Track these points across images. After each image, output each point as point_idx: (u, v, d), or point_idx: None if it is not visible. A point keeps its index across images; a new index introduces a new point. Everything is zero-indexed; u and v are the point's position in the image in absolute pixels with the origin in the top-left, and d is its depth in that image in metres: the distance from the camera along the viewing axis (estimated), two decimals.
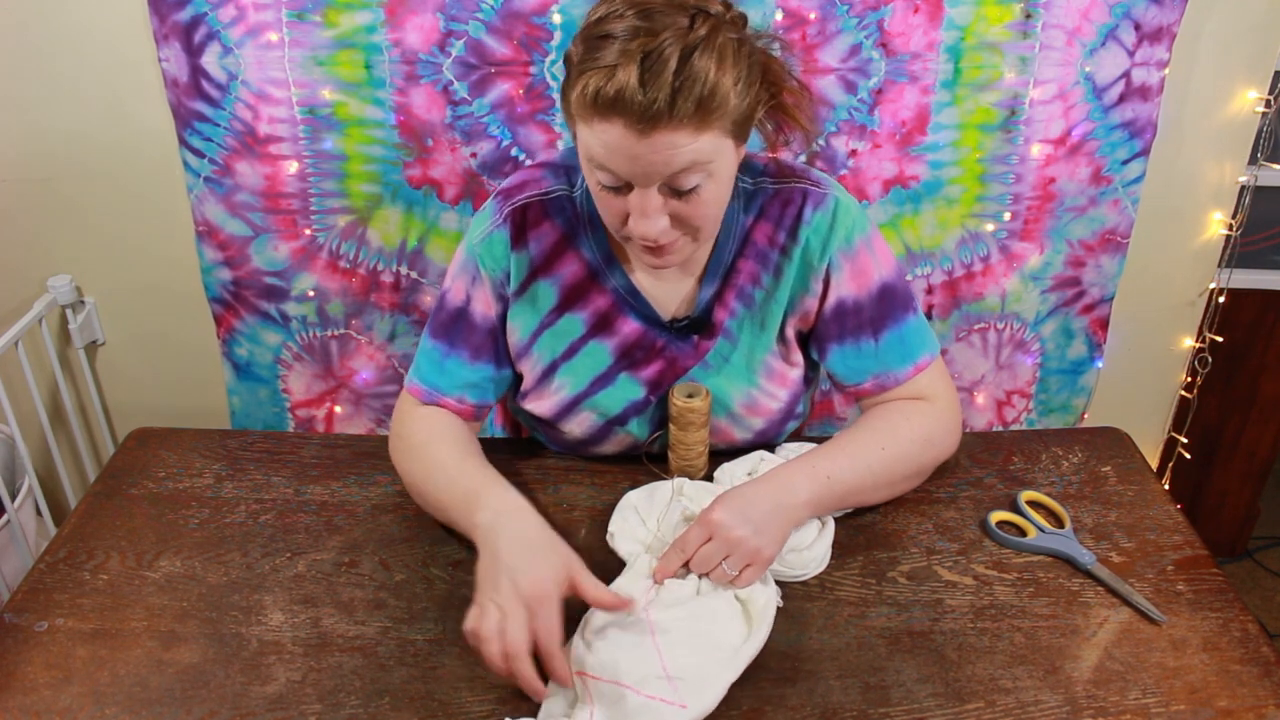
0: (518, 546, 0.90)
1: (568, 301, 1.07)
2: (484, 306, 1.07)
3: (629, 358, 1.09)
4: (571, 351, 1.09)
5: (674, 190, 0.91)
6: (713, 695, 0.85)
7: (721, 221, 1.04)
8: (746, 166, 1.05)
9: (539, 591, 0.86)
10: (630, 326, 1.08)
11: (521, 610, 0.85)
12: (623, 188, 0.91)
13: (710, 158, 0.89)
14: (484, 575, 0.90)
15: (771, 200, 1.05)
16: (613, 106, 0.85)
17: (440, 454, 1.04)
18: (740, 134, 0.93)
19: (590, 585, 0.88)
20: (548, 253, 1.05)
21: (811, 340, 1.11)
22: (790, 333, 1.10)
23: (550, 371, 1.10)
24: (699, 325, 1.08)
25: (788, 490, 0.98)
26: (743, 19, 0.92)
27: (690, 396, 1.07)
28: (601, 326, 1.08)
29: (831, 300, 1.06)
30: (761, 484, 0.99)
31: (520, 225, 1.05)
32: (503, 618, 0.85)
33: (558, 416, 1.12)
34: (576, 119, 0.90)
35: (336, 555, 1.04)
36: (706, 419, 1.08)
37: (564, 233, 1.05)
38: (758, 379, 1.10)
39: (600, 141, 0.88)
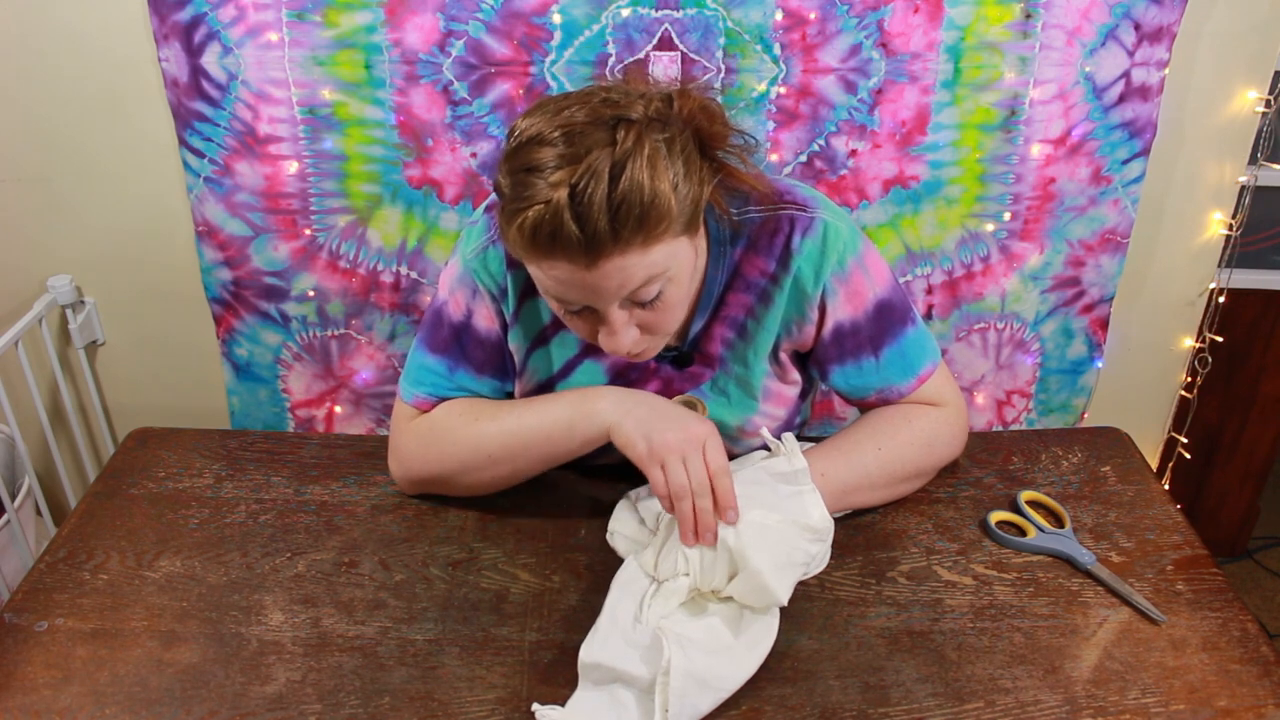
0: (665, 409, 0.96)
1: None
2: (486, 321, 1.06)
3: (624, 379, 1.08)
4: (567, 370, 1.08)
5: (637, 303, 0.89)
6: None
7: (708, 254, 1.02)
8: (729, 194, 1.02)
9: (701, 430, 0.93)
10: None
11: (695, 450, 0.92)
12: (583, 310, 0.90)
13: (665, 266, 0.87)
14: (644, 433, 0.94)
15: (759, 230, 1.01)
16: (553, 244, 0.82)
17: (499, 414, 1.04)
18: (692, 227, 0.90)
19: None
20: None
21: (811, 362, 1.10)
22: (784, 356, 1.08)
23: (545, 388, 1.09)
24: (689, 358, 1.08)
25: None
26: (668, 102, 0.88)
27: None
28: (594, 348, 1.07)
29: (829, 325, 1.04)
30: None
31: None
32: (684, 461, 0.91)
33: None
34: (520, 255, 0.88)
35: (336, 555, 1.04)
36: None
37: None
38: (756, 403, 1.09)
39: (550, 278, 0.86)
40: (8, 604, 0.98)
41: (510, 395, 1.12)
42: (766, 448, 1.13)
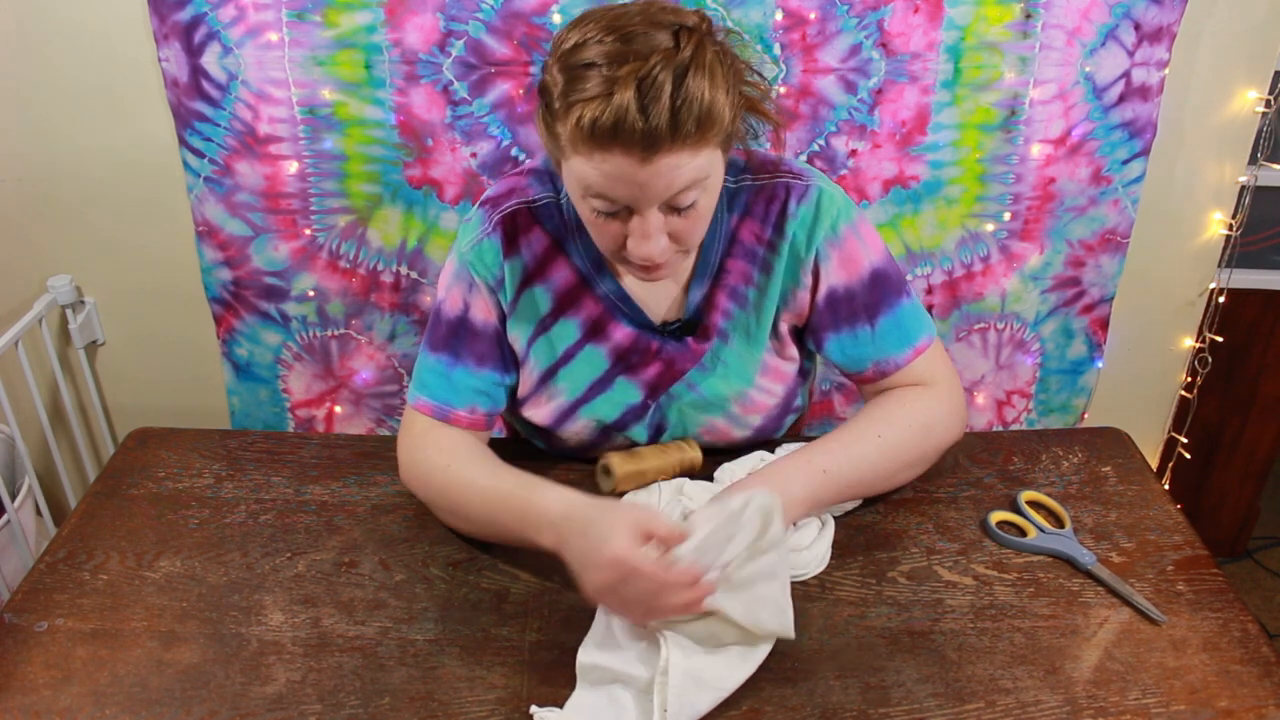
0: (582, 545, 0.88)
1: (561, 307, 1.07)
2: (483, 313, 1.06)
3: (625, 362, 1.09)
4: (568, 357, 1.09)
5: (672, 208, 0.90)
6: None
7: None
8: (727, 165, 1.04)
9: (619, 570, 0.84)
10: (623, 332, 1.08)
11: (618, 587, 0.85)
12: (620, 212, 0.91)
13: (707, 173, 0.89)
14: (582, 582, 0.89)
15: (755, 197, 1.04)
16: (613, 136, 0.83)
17: (468, 475, 1.02)
18: (729, 143, 0.92)
19: (663, 527, 0.87)
20: (540, 259, 1.05)
21: (807, 332, 1.10)
22: (783, 328, 1.09)
23: (547, 377, 1.10)
24: (691, 328, 1.08)
25: (783, 488, 0.97)
26: (710, 23, 0.91)
27: (608, 472, 1.08)
28: (595, 332, 1.08)
29: (823, 290, 1.06)
30: (756, 483, 0.98)
31: (511, 233, 1.04)
32: (624, 603, 0.86)
33: (556, 423, 1.11)
34: (569, 150, 0.88)
35: (336, 555, 1.04)
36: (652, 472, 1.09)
37: (553, 239, 1.05)
38: (754, 377, 1.10)
39: (599, 171, 0.87)
40: (8, 604, 0.98)
41: (511, 388, 1.12)
42: (769, 445, 1.14)
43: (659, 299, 1.08)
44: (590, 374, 1.09)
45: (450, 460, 1.04)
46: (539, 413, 1.12)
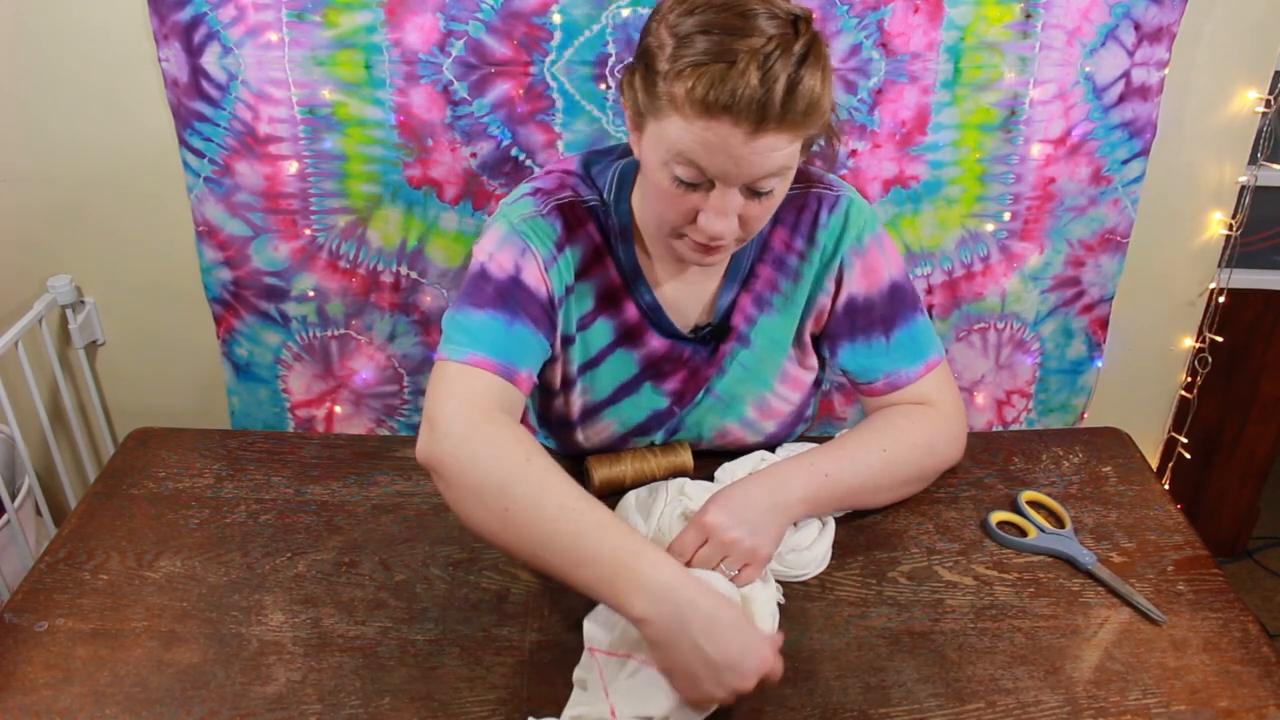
0: (719, 637, 0.81)
1: (601, 307, 1.06)
2: (534, 279, 1.00)
3: (655, 369, 1.09)
4: (599, 359, 1.09)
5: (753, 191, 0.90)
6: None
7: None
8: None
9: (753, 673, 0.82)
10: (656, 342, 1.08)
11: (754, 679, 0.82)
12: (701, 185, 0.90)
13: (794, 162, 0.91)
14: (690, 670, 0.80)
15: (788, 205, 1.05)
16: (727, 108, 0.83)
17: (547, 469, 0.88)
18: (808, 145, 0.94)
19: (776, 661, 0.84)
20: (593, 254, 1.04)
21: (823, 339, 1.11)
22: (806, 336, 1.10)
23: (579, 373, 1.10)
24: (720, 332, 1.08)
25: (783, 488, 0.98)
26: (813, 19, 0.92)
27: (588, 476, 1.09)
28: (628, 338, 1.08)
29: (843, 298, 1.06)
30: (756, 482, 0.98)
31: (571, 222, 1.03)
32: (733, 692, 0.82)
33: (580, 419, 1.12)
34: (669, 111, 0.87)
35: (336, 555, 1.04)
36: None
37: (600, 240, 1.04)
38: (773, 382, 1.10)
39: (699, 140, 0.86)
40: (8, 604, 0.98)
41: (549, 363, 1.06)
42: (772, 448, 1.14)
43: (691, 303, 1.08)
44: (619, 376, 1.09)
45: (531, 455, 0.89)
46: (566, 406, 1.11)
